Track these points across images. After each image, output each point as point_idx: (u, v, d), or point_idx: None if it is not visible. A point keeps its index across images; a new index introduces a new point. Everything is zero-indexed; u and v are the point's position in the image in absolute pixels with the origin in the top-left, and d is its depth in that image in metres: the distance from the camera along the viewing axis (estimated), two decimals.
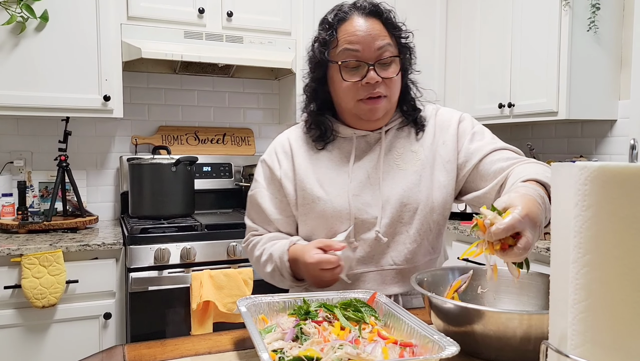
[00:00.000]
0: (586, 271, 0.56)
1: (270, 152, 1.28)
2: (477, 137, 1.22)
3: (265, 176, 1.26)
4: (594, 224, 0.55)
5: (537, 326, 0.78)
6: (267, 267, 1.19)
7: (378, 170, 1.19)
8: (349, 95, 1.15)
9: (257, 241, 1.25)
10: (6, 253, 1.95)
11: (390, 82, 1.15)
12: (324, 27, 1.18)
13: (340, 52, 1.14)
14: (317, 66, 1.19)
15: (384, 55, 1.13)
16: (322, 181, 1.19)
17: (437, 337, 0.76)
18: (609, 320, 0.55)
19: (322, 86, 1.21)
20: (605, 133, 2.52)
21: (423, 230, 1.18)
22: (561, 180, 0.61)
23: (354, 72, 1.13)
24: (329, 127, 1.22)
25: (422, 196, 1.17)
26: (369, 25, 1.13)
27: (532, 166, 1.08)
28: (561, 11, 2.31)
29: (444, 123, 1.24)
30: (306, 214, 1.20)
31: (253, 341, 0.75)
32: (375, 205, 1.17)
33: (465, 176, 1.20)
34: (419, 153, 1.21)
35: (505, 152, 1.17)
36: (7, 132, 2.53)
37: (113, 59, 2.34)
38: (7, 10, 2.13)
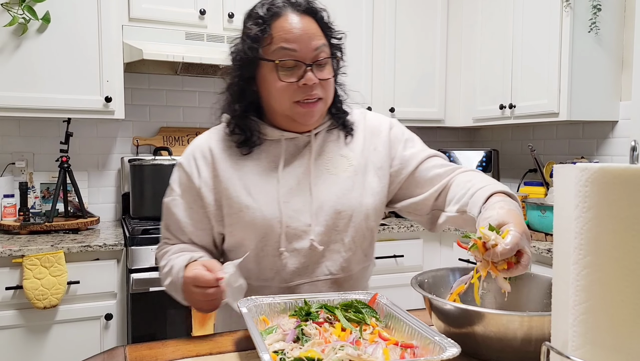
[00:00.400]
0: (587, 273, 0.56)
1: (187, 157, 1.17)
2: (409, 144, 1.21)
3: (181, 184, 1.16)
4: (595, 225, 0.55)
5: (538, 327, 0.77)
6: (167, 279, 1.11)
7: (308, 175, 1.13)
8: (285, 96, 1.08)
9: (166, 251, 1.16)
10: (8, 254, 1.95)
11: (327, 83, 1.10)
12: (255, 21, 1.08)
13: (276, 50, 1.06)
14: (246, 63, 1.10)
15: (321, 56, 1.08)
16: (249, 188, 1.11)
17: (438, 338, 0.76)
18: (610, 321, 0.55)
19: (250, 85, 1.12)
20: (607, 134, 2.52)
21: (358, 238, 1.15)
22: (562, 182, 0.61)
23: (290, 72, 1.07)
24: (255, 131, 1.14)
25: (355, 203, 1.13)
26: (305, 24, 1.07)
27: (477, 175, 1.11)
28: (562, 12, 2.31)
29: (374, 129, 1.22)
30: (233, 224, 1.12)
31: (254, 342, 0.75)
32: (306, 212, 1.11)
33: (400, 182, 1.19)
34: (350, 158, 1.17)
35: (438, 159, 1.20)
36: (9, 134, 2.54)
37: (114, 60, 2.34)
38: (9, 11, 2.13)
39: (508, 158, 3.13)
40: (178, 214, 1.15)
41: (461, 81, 3.00)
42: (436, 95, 3.01)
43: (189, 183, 1.14)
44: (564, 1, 2.29)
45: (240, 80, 1.12)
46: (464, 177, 1.12)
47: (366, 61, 2.83)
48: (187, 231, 1.15)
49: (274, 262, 1.11)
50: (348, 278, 1.16)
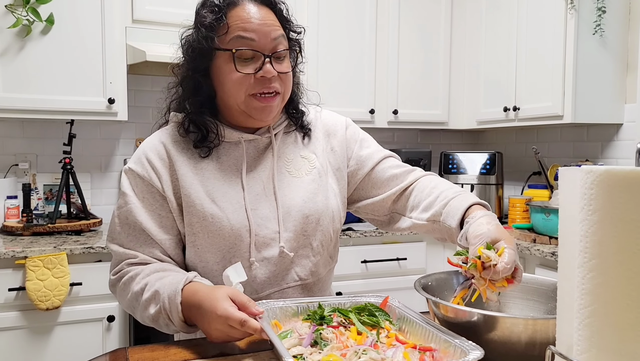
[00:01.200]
0: (592, 276, 0.55)
1: (139, 160, 1.06)
2: (365, 144, 1.20)
3: (139, 190, 1.04)
4: (600, 228, 0.55)
5: (542, 331, 0.77)
6: (150, 308, 0.96)
7: (272, 179, 1.08)
8: (241, 88, 1.01)
9: (136, 273, 1.01)
10: (11, 255, 1.96)
11: (285, 77, 1.05)
12: (211, 9, 1.02)
13: (233, 39, 1.00)
14: (200, 54, 1.02)
15: (279, 47, 1.03)
16: (213, 196, 1.03)
17: (459, 341, 0.75)
18: (616, 325, 0.55)
19: (205, 78, 1.05)
20: (611, 137, 2.51)
21: (325, 241, 1.12)
22: (567, 184, 0.61)
23: (247, 63, 1.01)
24: (212, 130, 1.06)
25: (322, 206, 1.10)
26: (263, 14, 1.02)
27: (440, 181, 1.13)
28: (567, 14, 2.30)
29: (330, 128, 1.19)
30: (195, 234, 1.03)
31: (275, 348, 0.74)
32: (273, 218, 1.06)
33: (356, 183, 1.18)
34: (311, 160, 1.13)
35: (394, 160, 1.20)
36: (13, 135, 2.55)
37: (118, 62, 2.34)
38: (13, 13, 2.14)
39: (512, 161, 3.12)
40: (144, 223, 1.03)
41: (465, 83, 3.00)
42: (440, 97, 3.01)
43: (149, 187, 1.04)
44: (568, 3, 2.29)
45: (195, 72, 1.04)
46: (426, 182, 1.12)
47: (369, 63, 2.83)
48: (159, 241, 1.04)
49: None
50: (317, 282, 1.14)
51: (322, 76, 2.71)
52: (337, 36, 2.75)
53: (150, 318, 0.98)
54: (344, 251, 2.47)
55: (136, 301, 1.00)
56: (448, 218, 1.01)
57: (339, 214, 1.16)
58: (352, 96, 2.80)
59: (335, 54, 2.75)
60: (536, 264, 2.13)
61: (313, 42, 2.67)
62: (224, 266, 1.03)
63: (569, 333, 0.59)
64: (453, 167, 2.84)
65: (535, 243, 2.18)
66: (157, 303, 0.95)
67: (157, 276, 0.99)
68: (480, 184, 2.77)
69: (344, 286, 2.43)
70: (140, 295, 0.99)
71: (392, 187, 1.15)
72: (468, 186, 2.78)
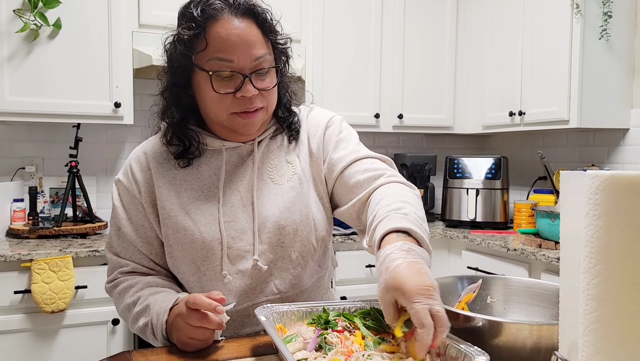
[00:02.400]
0: (597, 282, 0.55)
1: (125, 171, 1.07)
2: (341, 145, 1.10)
3: (125, 201, 1.06)
4: (606, 234, 0.54)
5: (548, 337, 0.76)
6: (140, 320, 0.99)
7: (251, 189, 1.04)
8: (221, 107, 0.98)
9: (130, 285, 1.03)
10: (16, 258, 1.97)
11: (268, 93, 1.01)
12: (188, 24, 0.97)
13: (211, 60, 0.96)
14: (178, 69, 1.00)
15: (262, 65, 0.98)
16: (187, 208, 1.02)
17: (464, 346, 0.75)
18: (621, 331, 0.54)
19: (185, 90, 1.02)
20: (618, 142, 2.50)
21: (306, 252, 1.06)
22: (572, 189, 0.60)
23: (226, 82, 0.97)
24: (195, 141, 1.04)
25: (300, 216, 1.04)
26: (245, 29, 0.96)
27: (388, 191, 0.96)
28: (572, 19, 2.30)
29: (312, 129, 1.12)
30: (172, 245, 1.03)
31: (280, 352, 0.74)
32: (249, 230, 1.03)
33: (330, 188, 1.10)
34: (294, 165, 1.08)
35: (365, 163, 1.06)
36: (20, 139, 2.56)
37: (124, 66, 2.36)
38: (21, 18, 2.16)
39: (518, 166, 3.11)
40: (129, 235, 1.05)
41: (470, 88, 2.99)
42: (445, 102, 3.00)
43: (132, 199, 1.05)
44: (574, 8, 2.28)
45: (175, 87, 1.02)
46: (375, 197, 0.98)
47: (375, 68, 2.83)
48: (145, 251, 1.05)
49: (218, 286, 1.02)
50: (300, 293, 1.08)
51: (328, 81, 2.71)
52: (343, 40, 2.75)
53: (139, 329, 1.00)
54: (349, 255, 2.47)
55: (128, 312, 1.02)
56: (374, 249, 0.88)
57: (323, 222, 1.09)
58: (357, 101, 2.80)
59: (340, 59, 2.76)
60: (542, 269, 2.12)
61: (318, 47, 2.68)
62: (199, 278, 1.03)
63: (572, 339, 0.59)
64: (458, 172, 2.83)
65: (541, 248, 2.17)
66: (147, 317, 0.97)
67: (150, 291, 1.01)
68: (486, 189, 2.76)
69: (349, 290, 2.42)
70: (132, 307, 1.01)
71: (354, 197, 1.04)
72: (473, 191, 2.77)
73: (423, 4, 2.93)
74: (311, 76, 2.65)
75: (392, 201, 0.92)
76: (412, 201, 0.94)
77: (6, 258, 1.95)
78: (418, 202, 0.97)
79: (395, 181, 1.02)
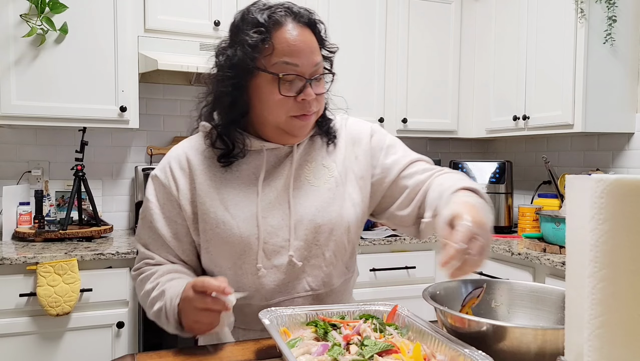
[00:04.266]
0: (603, 286, 0.55)
1: (163, 168, 1.12)
2: (391, 150, 1.17)
3: (159, 196, 1.10)
4: (611, 238, 0.54)
5: (552, 341, 0.76)
6: (155, 305, 1.03)
7: (288, 188, 1.09)
8: (282, 110, 1.03)
9: (152, 273, 1.08)
10: (22, 261, 1.97)
11: (321, 97, 1.08)
12: (256, 29, 1.01)
13: (278, 63, 1.01)
14: (241, 71, 1.03)
15: (319, 71, 1.05)
16: (227, 203, 1.06)
17: (468, 351, 0.75)
18: (626, 336, 0.54)
19: (241, 93, 1.06)
20: (622, 146, 2.49)
21: (339, 251, 1.11)
22: (577, 193, 0.60)
23: (289, 85, 1.02)
24: (239, 143, 1.08)
25: (336, 216, 1.09)
26: (307, 38, 1.03)
27: (449, 176, 1.08)
28: (577, 23, 2.30)
29: (355, 136, 1.18)
30: (209, 240, 1.07)
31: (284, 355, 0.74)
32: (285, 226, 1.07)
33: (383, 191, 1.16)
34: (331, 169, 1.13)
35: (421, 164, 1.16)
36: (26, 142, 2.58)
37: (130, 70, 2.37)
38: (27, 22, 2.17)
39: (522, 170, 3.10)
40: (160, 229, 1.09)
41: (474, 92, 2.99)
42: (449, 106, 3.00)
43: (168, 195, 1.09)
44: (578, 12, 2.28)
45: (233, 88, 1.05)
46: (437, 180, 1.08)
47: (379, 72, 2.84)
48: (173, 247, 1.09)
49: (253, 280, 1.07)
50: (330, 292, 1.13)
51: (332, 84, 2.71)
52: (347, 45, 2.76)
53: (154, 315, 1.05)
54: None
55: (147, 297, 1.06)
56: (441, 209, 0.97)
57: (355, 225, 1.14)
58: (361, 105, 2.80)
59: (344, 63, 2.76)
60: (546, 274, 2.11)
61: None
62: (235, 272, 1.08)
63: (578, 344, 0.59)
64: None
65: (545, 252, 2.17)
66: (162, 302, 1.01)
67: (168, 278, 1.05)
68: (490, 193, 2.76)
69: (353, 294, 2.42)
70: (150, 292, 1.05)
71: (417, 194, 1.11)
72: None
73: (427, 9, 2.93)
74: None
75: (457, 179, 1.04)
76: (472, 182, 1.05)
77: (12, 261, 1.96)
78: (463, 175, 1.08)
79: (447, 172, 1.12)
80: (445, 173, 1.11)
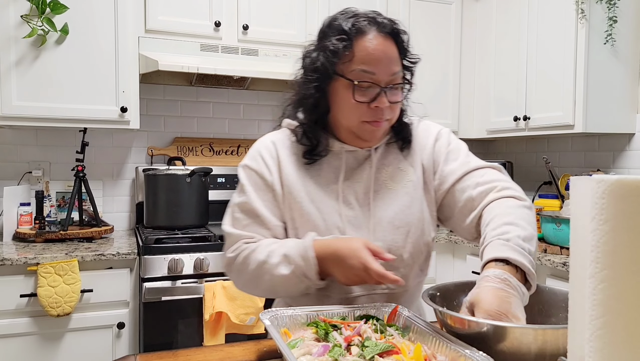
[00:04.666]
0: (604, 287, 0.55)
1: (254, 157, 1.17)
2: (451, 156, 1.17)
3: (254, 182, 1.14)
4: (612, 238, 0.54)
5: (552, 341, 0.76)
6: (280, 270, 1.04)
7: (368, 190, 1.13)
8: (355, 114, 1.08)
9: (256, 246, 1.09)
10: (23, 262, 1.97)
11: (396, 106, 1.11)
12: (340, 37, 1.07)
13: (355, 70, 1.06)
14: (322, 75, 1.09)
15: (396, 80, 1.09)
16: (312, 197, 1.11)
17: (469, 352, 0.75)
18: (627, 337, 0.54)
19: (322, 96, 1.11)
20: (623, 147, 2.49)
21: (415, 254, 1.14)
22: (578, 193, 0.60)
23: (364, 92, 1.07)
24: (323, 143, 1.14)
25: (413, 219, 1.13)
26: (387, 47, 1.07)
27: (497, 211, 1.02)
28: (577, 24, 2.30)
29: (422, 141, 1.20)
30: (297, 228, 1.12)
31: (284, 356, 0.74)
32: (365, 227, 1.11)
33: (439, 199, 1.17)
34: (408, 173, 1.16)
35: (476, 176, 1.12)
36: (26, 143, 2.58)
37: (130, 71, 2.37)
38: (28, 23, 2.17)
39: (522, 170, 3.10)
40: (258, 209, 1.12)
41: (475, 93, 2.99)
42: (449, 106, 3.00)
43: (262, 180, 1.14)
44: (579, 13, 2.28)
45: (317, 91, 1.11)
46: (485, 216, 1.04)
47: None
48: (272, 226, 1.13)
49: None
50: (404, 293, 1.15)
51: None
52: None
53: (283, 279, 1.04)
54: None
55: (261, 268, 1.06)
56: None
57: (430, 228, 1.16)
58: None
59: None
60: (547, 274, 2.11)
61: None
62: None
63: (580, 345, 0.58)
64: None
65: (546, 253, 2.16)
66: (290, 264, 1.03)
67: (279, 244, 1.07)
68: None
69: None
70: (265, 262, 1.05)
71: (469, 214, 1.10)
72: None
73: (428, 9, 2.93)
74: None
75: (497, 225, 0.99)
76: (518, 220, 0.99)
77: (12, 262, 1.96)
78: (526, 218, 1.01)
79: (506, 196, 1.07)
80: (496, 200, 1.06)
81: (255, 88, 2.93)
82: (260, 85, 2.90)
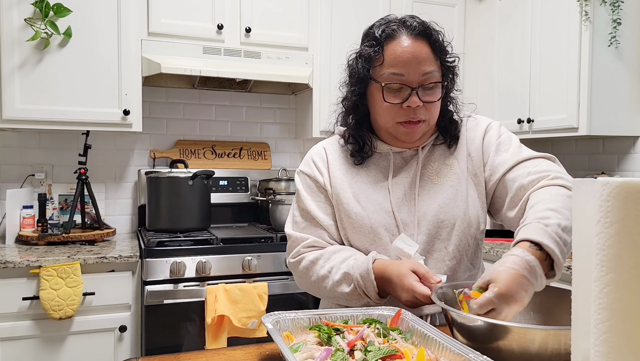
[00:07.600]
0: (609, 290, 0.54)
1: (307, 162, 1.26)
2: (502, 147, 1.18)
3: (307, 186, 1.23)
4: (617, 241, 0.54)
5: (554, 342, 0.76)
6: (342, 288, 1.11)
7: (414, 186, 1.17)
8: (388, 116, 1.13)
9: (316, 258, 1.17)
10: (25, 265, 1.97)
11: (431, 106, 1.13)
12: (370, 43, 1.14)
13: (385, 74, 1.11)
14: (358, 81, 1.16)
15: (429, 80, 1.11)
16: (358, 197, 1.17)
17: (473, 356, 0.74)
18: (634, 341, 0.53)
19: (362, 100, 1.18)
20: (628, 149, 2.48)
21: (462, 246, 1.15)
22: (583, 196, 0.60)
23: (395, 93, 1.11)
24: (368, 143, 1.20)
25: (459, 212, 1.15)
26: (417, 48, 1.10)
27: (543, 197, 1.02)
28: (581, 26, 2.29)
29: (471, 134, 1.22)
30: (345, 228, 1.19)
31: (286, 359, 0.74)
32: (411, 222, 1.15)
33: (491, 190, 1.17)
34: (453, 166, 1.18)
35: (527, 166, 1.12)
36: (29, 146, 2.59)
37: (133, 74, 2.38)
38: (32, 26, 2.18)
39: None
40: (313, 211, 1.20)
41: (478, 95, 2.98)
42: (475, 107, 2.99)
43: (315, 184, 1.22)
44: (583, 15, 2.27)
45: (354, 95, 1.18)
46: (532, 199, 1.05)
47: None
48: (326, 226, 1.20)
49: None
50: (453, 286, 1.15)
51: (335, 88, 2.71)
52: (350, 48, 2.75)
53: (345, 295, 1.11)
54: None
55: (323, 283, 1.15)
56: None
57: (477, 221, 1.17)
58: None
59: None
60: None
61: (325, 55, 2.68)
62: None
63: (584, 349, 0.58)
64: None
65: None
66: (351, 283, 1.10)
67: (339, 259, 1.14)
68: None
69: None
70: (327, 278, 1.14)
71: (519, 201, 1.09)
72: None
73: (431, 11, 2.91)
74: (319, 84, 2.66)
75: (541, 209, 0.99)
76: (563, 209, 0.98)
77: (15, 265, 1.96)
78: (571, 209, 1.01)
79: (556, 184, 1.05)
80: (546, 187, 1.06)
81: (257, 91, 2.93)
82: (263, 87, 2.91)
